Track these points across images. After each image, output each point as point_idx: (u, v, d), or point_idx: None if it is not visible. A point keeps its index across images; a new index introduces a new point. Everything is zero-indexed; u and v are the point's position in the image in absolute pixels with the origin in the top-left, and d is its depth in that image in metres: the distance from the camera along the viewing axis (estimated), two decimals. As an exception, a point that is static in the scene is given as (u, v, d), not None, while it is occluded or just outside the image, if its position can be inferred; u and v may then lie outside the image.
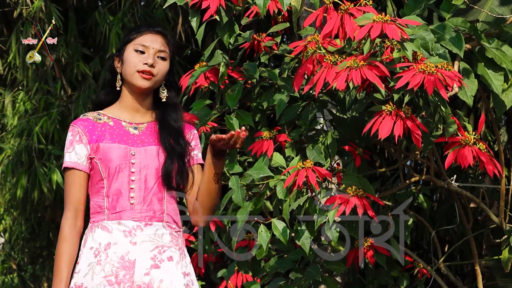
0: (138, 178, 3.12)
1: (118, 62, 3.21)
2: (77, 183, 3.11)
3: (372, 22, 3.55)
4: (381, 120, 3.63)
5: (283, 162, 4.00)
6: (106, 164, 3.10)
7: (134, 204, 3.10)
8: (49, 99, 6.55)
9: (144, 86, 3.15)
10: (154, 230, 3.11)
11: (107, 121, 3.17)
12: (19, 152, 6.49)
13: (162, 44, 3.18)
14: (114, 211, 3.10)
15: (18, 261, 7.44)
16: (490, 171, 3.76)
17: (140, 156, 3.13)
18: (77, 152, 3.11)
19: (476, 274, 4.40)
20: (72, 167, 3.11)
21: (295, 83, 3.84)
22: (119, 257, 3.07)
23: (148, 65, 3.13)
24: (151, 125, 3.20)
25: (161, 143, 3.16)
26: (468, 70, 3.99)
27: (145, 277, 3.06)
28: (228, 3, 3.84)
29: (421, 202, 4.51)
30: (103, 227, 3.10)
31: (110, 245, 3.08)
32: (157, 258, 3.10)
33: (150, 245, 3.10)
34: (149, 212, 3.11)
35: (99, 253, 3.07)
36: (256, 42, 4.21)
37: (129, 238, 3.08)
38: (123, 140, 3.14)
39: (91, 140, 3.12)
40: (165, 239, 3.12)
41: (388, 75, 3.58)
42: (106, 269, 3.05)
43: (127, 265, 3.06)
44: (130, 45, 3.18)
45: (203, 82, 4.19)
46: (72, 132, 3.14)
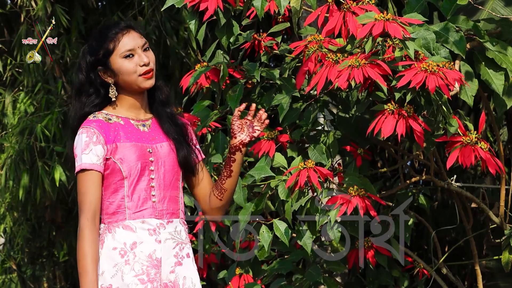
0: (157, 175, 3.13)
1: (106, 74, 3.15)
2: (95, 184, 3.07)
3: (374, 20, 3.56)
4: (383, 119, 3.63)
5: (285, 163, 4.00)
6: (127, 164, 3.09)
7: (155, 202, 3.12)
8: (50, 98, 6.56)
9: (151, 85, 3.15)
10: (174, 227, 3.14)
11: (117, 120, 3.15)
12: (21, 151, 6.50)
13: (139, 37, 3.15)
14: (137, 210, 3.10)
15: (18, 261, 7.44)
16: (492, 170, 3.76)
17: (157, 154, 3.14)
18: (95, 153, 3.07)
19: (476, 274, 4.40)
20: (90, 168, 3.06)
21: (297, 81, 3.85)
22: (147, 256, 3.07)
23: (146, 64, 3.12)
24: (154, 121, 3.21)
25: (168, 136, 3.18)
26: (468, 70, 4.00)
27: (171, 274, 3.10)
28: (226, 5, 3.84)
29: (421, 202, 4.51)
30: (126, 227, 3.09)
31: (136, 244, 3.08)
32: (179, 256, 3.13)
33: (172, 243, 3.12)
34: (169, 209, 3.14)
35: (125, 253, 3.07)
36: (256, 42, 4.21)
37: (154, 237, 3.09)
38: (138, 138, 3.13)
39: (108, 141, 3.09)
40: (183, 235, 3.16)
41: (390, 74, 3.58)
42: (136, 268, 3.06)
43: (156, 263, 3.08)
44: (114, 56, 3.12)
45: (203, 82, 4.19)
46: (87, 133, 3.08)
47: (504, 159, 4.69)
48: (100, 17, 6.56)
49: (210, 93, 4.30)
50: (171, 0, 3.93)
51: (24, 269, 7.42)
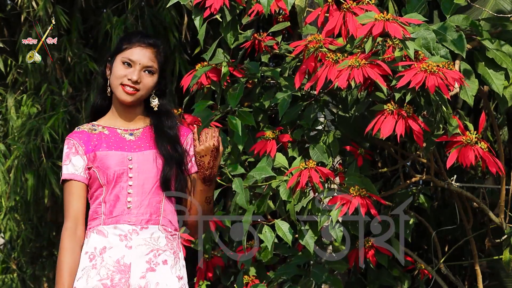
0: (136, 183, 3.14)
1: (108, 69, 3.23)
2: (76, 194, 3.14)
3: (374, 20, 3.56)
4: (383, 119, 3.64)
5: (286, 163, 4.00)
6: (104, 172, 3.13)
7: (131, 208, 3.13)
8: (54, 99, 6.57)
9: (126, 101, 3.17)
10: (150, 233, 3.14)
11: (102, 130, 3.20)
12: (28, 152, 6.51)
13: (150, 58, 3.18)
14: (111, 216, 3.12)
15: (18, 261, 7.43)
16: (493, 170, 3.76)
17: (138, 161, 3.15)
18: (73, 164, 3.15)
19: (476, 274, 4.41)
20: (70, 178, 3.14)
21: (296, 80, 3.85)
22: (115, 261, 3.09)
23: (132, 81, 3.14)
24: (147, 129, 3.23)
25: (158, 148, 3.18)
26: (468, 70, 4.00)
27: (141, 280, 3.09)
28: (232, 2, 3.84)
29: (422, 202, 4.52)
30: (99, 232, 3.12)
31: (105, 249, 3.10)
32: (152, 262, 3.12)
33: (145, 249, 3.12)
34: (145, 216, 3.14)
35: (94, 257, 3.09)
36: (257, 42, 4.21)
37: (125, 242, 3.11)
38: (119, 147, 3.16)
39: (87, 151, 3.15)
40: (161, 242, 3.15)
41: (390, 74, 3.58)
42: (102, 273, 3.07)
43: (123, 268, 3.08)
44: (119, 56, 3.19)
45: (204, 82, 4.19)
46: (68, 145, 3.17)
47: (504, 159, 4.69)
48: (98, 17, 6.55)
49: (211, 93, 4.30)
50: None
51: (24, 269, 7.42)
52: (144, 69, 3.17)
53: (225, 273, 4.66)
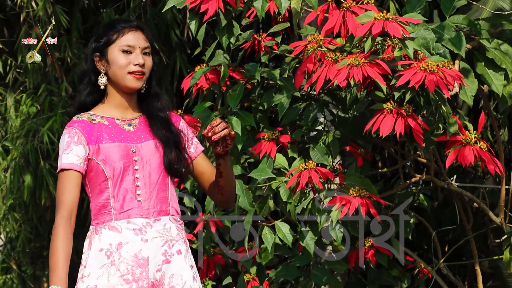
0: (142, 174, 3.13)
1: (100, 62, 3.18)
2: (73, 184, 3.09)
3: (373, 20, 3.56)
4: (382, 118, 3.64)
5: (286, 163, 4.00)
6: (110, 165, 3.10)
7: (141, 201, 3.11)
8: (53, 99, 6.56)
9: (138, 87, 3.16)
10: (163, 224, 3.13)
11: (101, 120, 3.16)
12: (26, 153, 6.50)
13: (144, 40, 3.17)
14: (122, 210, 3.10)
15: (18, 261, 7.44)
16: (492, 170, 3.76)
17: (141, 153, 3.14)
18: (75, 153, 3.10)
19: (476, 274, 4.41)
20: (69, 168, 3.09)
21: (296, 81, 3.85)
22: (132, 256, 3.07)
23: (140, 65, 3.14)
24: (142, 119, 3.21)
25: (156, 136, 3.17)
26: (468, 69, 4.00)
27: (157, 273, 3.09)
28: (227, 6, 3.84)
29: (422, 202, 4.51)
30: (111, 228, 3.09)
31: (121, 244, 3.08)
32: (167, 253, 3.12)
33: (160, 241, 3.12)
34: (156, 207, 3.13)
35: (111, 254, 3.07)
36: (256, 42, 4.21)
37: (140, 236, 3.09)
38: (121, 138, 3.14)
39: (90, 141, 3.11)
40: (173, 233, 3.14)
41: (389, 73, 3.58)
42: (122, 269, 3.06)
43: (142, 262, 3.08)
44: (113, 46, 3.15)
45: (203, 84, 4.19)
46: (70, 133, 3.11)
47: (504, 159, 4.69)
48: (98, 17, 6.56)
49: (211, 94, 4.30)
50: (172, 1, 3.94)
51: (24, 269, 7.42)
52: (143, 51, 3.16)
53: (225, 273, 4.66)
